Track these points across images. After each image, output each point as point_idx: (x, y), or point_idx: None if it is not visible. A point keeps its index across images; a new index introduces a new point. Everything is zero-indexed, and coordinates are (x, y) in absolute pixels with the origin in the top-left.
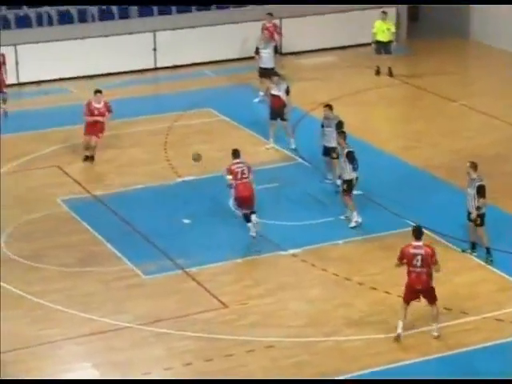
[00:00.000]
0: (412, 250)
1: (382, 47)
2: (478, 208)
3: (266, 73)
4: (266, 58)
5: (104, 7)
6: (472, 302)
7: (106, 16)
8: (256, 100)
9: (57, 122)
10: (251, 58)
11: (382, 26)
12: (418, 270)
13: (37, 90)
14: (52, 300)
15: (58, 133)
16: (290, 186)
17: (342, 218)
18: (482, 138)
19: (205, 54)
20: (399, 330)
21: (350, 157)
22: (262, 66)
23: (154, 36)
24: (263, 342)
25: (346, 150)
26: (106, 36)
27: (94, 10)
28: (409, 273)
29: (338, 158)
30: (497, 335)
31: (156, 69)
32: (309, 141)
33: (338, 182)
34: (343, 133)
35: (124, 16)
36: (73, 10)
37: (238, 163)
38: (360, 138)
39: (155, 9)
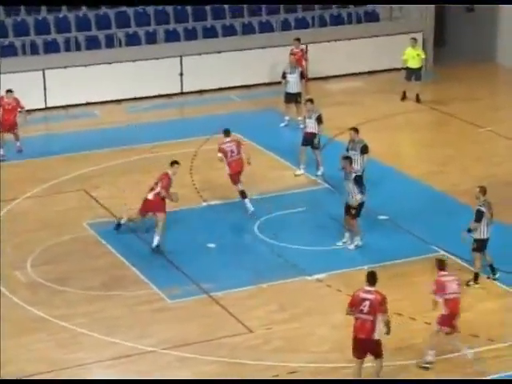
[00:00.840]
0: (362, 295)
1: (413, 73)
2: (469, 230)
3: (292, 98)
4: (293, 83)
5: (131, 33)
6: (499, 330)
7: (132, 41)
8: (282, 125)
9: (84, 146)
10: (277, 83)
11: (413, 52)
12: (364, 316)
13: (64, 114)
14: (77, 323)
15: (85, 157)
16: (315, 211)
17: (339, 244)
18: (509, 163)
19: (230, 78)
20: None
21: (358, 181)
22: (288, 91)
23: (181, 61)
24: (287, 367)
25: (354, 175)
26: (134, 61)
27: (121, 34)
28: (355, 320)
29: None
30: None
31: (182, 93)
32: (334, 166)
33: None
34: (349, 158)
35: (151, 41)
36: (100, 35)
37: (228, 142)
38: (387, 163)
39: (182, 34)
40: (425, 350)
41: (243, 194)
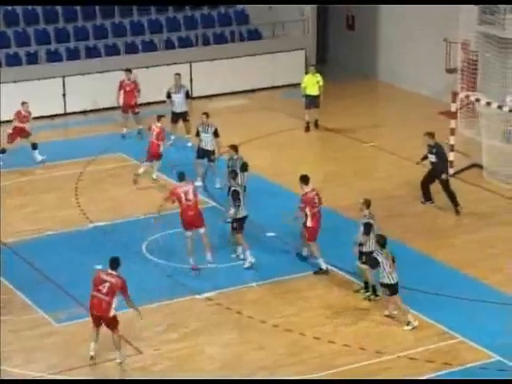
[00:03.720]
0: (103, 276)
1: (312, 101)
2: (360, 244)
3: (179, 117)
4: (178, 103)
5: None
6: (385, 342)
7: (14, 61)
8: (168, 143)
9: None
10: (162, 102)
11: (312, 79)
12: (101, 296)
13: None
14: None
15: None
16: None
17: (233, 256)
18: (392, 178)
19: (114, 98)
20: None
21: (233, 195)
22: (175, 110)
23: (63, 81)
24: None
25: (232, 189)
26: (15, 82)
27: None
28: (91, 297)
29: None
30: (411, 373)
31: (65, 114)
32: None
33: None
34: (233, 172)
35: (33, 62)
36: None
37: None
38: (272, 180)
39: (64, 54)
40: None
41: None
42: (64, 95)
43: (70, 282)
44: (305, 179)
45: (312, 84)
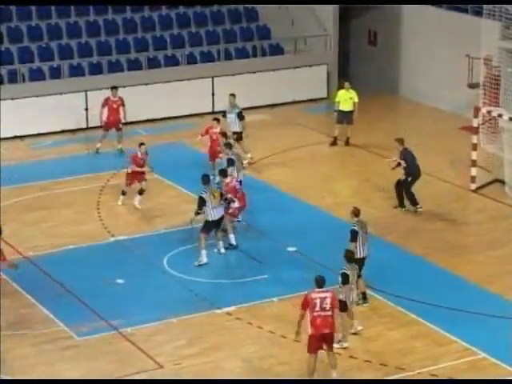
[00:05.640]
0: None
1: (344, 117)
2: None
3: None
4: (231, 123)
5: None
6: (407, 358)
7: (36, 76)
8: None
9: None
10: (185, 116)
11: (346, 95)
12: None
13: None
14: None
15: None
16: (225, 243)
17: (215, 251)
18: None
19: (138, 112)
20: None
21: (198, 201)
22: (230, 129)
23: (86, 95)
24: None
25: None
26: (37, 96)
27: (24, 70)
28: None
29: None
30: None
31: (87, 128)
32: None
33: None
34: (205, 177)
35: (55, 76)
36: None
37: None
38: (292, 194)
39: (86, 68)
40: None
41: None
42: (86, 109)
43: (90, 295)
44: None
45: (345, 99)
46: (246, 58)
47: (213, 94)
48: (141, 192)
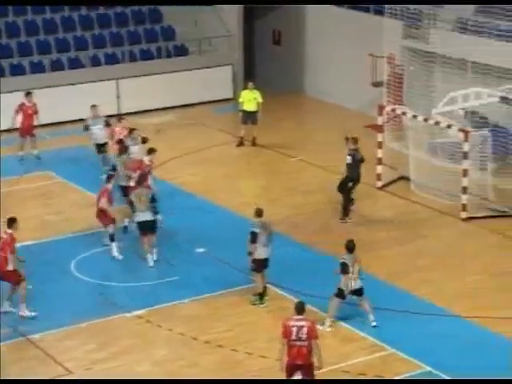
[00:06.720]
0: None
1: (249, 117)
2: (249, 253)
3: (101, 148)
4: (98, 134)
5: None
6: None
7: None
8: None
9: None
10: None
11: (249, 95)
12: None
13: None
14: None
15: None
16: (134, 246)
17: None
18: (320, 192)
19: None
20: None
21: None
22: (97, 142)
23: None
24: None
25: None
26: None
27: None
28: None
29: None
30: None
31: None
32: None
33: None
34: (138, 183)
35: None
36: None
37: None
38: (201, 195)
39: None
40: None
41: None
42: None
43: None
44: None
45: (249, 100)
46: (150, 59)
47: (118, 97)
48: None
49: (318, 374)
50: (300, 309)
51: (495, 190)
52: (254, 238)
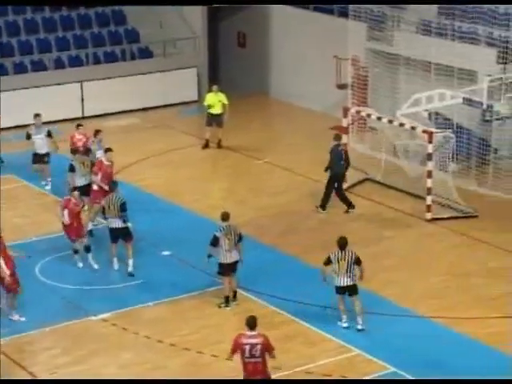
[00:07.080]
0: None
1: (214, 119)
2: (208, 256)
3: (41, 158)
4: (40, 143)
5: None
6: (283, 357)
7: None
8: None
9: None
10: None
11: (214, 98)
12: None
13: None
14: None
15: None
16: (99, 249)
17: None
18: (286, 194)
19: (6, 119)
20: None
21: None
22: (37, 151)
23: None
24: None
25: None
26: None
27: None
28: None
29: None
30: None
31: None
32: None
33: None
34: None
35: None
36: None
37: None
38: (166, 198)
39: None
40: None
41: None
42: None
43: None
44: None
45: (214, 102)
46: (114, 61)
47: (82, 99)
48: None
49: (281, 376)
50: (252, 324)
51: (458, 190)
52: (214, 241)
